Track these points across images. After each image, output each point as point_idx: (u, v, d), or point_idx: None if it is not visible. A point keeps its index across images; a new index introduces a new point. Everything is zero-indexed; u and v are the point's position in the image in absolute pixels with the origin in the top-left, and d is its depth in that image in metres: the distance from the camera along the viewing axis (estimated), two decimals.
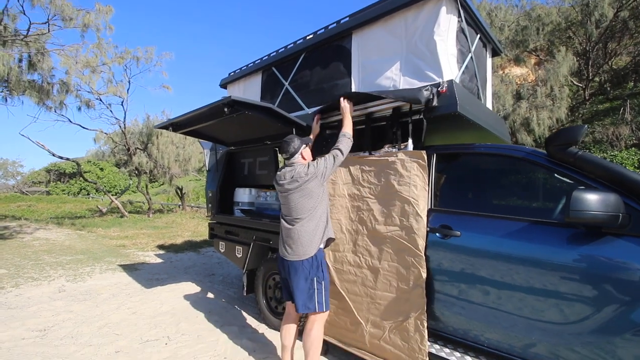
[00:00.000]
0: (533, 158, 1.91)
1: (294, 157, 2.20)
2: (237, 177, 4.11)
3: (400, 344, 2.09)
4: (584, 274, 1.61)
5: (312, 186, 2.10)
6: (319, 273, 2.11)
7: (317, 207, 2.13)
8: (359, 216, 2.39)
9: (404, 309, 2.09)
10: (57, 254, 6.43)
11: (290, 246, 2.11)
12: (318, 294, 2.09)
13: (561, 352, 1.67)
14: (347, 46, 2.88)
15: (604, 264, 1.56)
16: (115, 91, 12.49)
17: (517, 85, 12.38)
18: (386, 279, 2.19)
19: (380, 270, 2.23)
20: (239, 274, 5.14)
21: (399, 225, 2.16)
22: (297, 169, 2.14)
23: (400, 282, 2.12)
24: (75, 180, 34.63)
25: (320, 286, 2.11)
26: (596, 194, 1.48)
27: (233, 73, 4.23)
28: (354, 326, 2.33)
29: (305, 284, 2.08)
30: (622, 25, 12.54)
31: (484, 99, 3.03)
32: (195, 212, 15.38)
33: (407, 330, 2.06)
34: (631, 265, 1.51)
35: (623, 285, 1.51)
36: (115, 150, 17.55)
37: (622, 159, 9.88)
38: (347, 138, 2.28)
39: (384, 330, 2.18)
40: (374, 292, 2.25)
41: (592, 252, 1.60)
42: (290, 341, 2.22)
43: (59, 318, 3.34)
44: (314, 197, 2.12)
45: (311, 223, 2.10)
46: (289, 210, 2.15)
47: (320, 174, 2.12)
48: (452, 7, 2.36)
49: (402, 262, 2.12)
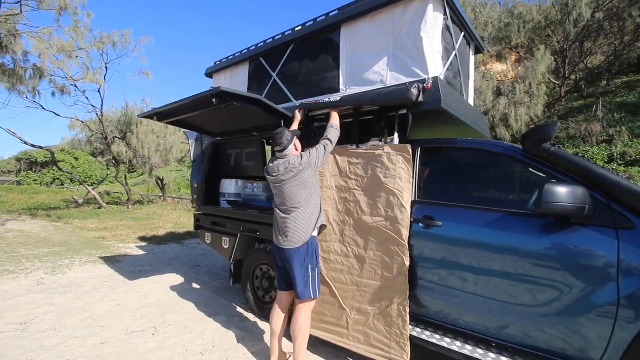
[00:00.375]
0: (510, 153, 2.03)
1: (288, 149, 2.25)
2: (223, 168, 4.09)
3: (384, 329, 2.19)
4: (553, 261, 1.74)
5: (306, 175, 2.18)
6: (313, 260, 2.19)
7: (311, 196, 2.21)
8: (346, 207, 2.46)
9: (387, 296, 2.19)
10: (33, 246, 6.22)
11: (286, 234, 2.17)
12: (312, 281, 2.16)
13: (532, 332, 1.81)
14: (335, 39, 2.90)
15: (572, 252, 1.70)
16: (92, 78, 11.99)
17: (497, 81, 12.72)
18: (371, 267, 2.28)
19: (366, 259, 2.31)
20: (225, 265, 5.16)
21: (384, 216, 2.24)
22: (290, 160, 2.19)
23: (385, 271, 2.21)
24: (48, 170, 33.23)
25: (314, 273, 2.19)
26: (565, 187, 1.60)
27: (219, 62, 4.17)
28: (339, 315, 2.41)
29: (301, 271, 2.15)
30: (598, 25, 13.04)
31: (467, 95, 3.13)
32: (177, 203, 15.13)
33: (390, 316, 2.16)
34: (595, 253, 1.64)
35: (588, 271, 1.65)
36: (92, 139, 16.91)
37: (594, 154, 10.40)
38: (334, 129, 2.39)
39: (368, 317, 2.27)
40: (359, 281, 2.34)
41: (561, 241, 1.73)
42: (280, 328, 2.29)
43: (40, 311, 3.28)
44: (308, 186, 2.19)
45: (307, 211, 2.18)
46: (283, 201, 2.21)
47: (313, 163, 2.20)
48: (439, 5, 2.42)
49: (387, 252, 2.21)
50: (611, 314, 1.58)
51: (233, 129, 3.73)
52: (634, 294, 1.54)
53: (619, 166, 9.58)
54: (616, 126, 10.91)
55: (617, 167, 9.52)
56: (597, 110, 11.84)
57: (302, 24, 3.16)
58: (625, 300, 1.55)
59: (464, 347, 1.96)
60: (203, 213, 4.02)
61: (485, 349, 1.93)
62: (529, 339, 1.82)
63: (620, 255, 1.58)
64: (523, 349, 1.86)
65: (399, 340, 2.12)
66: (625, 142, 10.27)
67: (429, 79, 2.29)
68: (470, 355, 1.90)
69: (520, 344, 1.86)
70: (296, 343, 2.16)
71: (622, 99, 12.12)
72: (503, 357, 1.86)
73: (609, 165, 9.82)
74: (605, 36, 13.94)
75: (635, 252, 1.56)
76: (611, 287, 1.59)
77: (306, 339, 2.19)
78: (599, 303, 1.61)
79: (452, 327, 2.10)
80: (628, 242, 1.58)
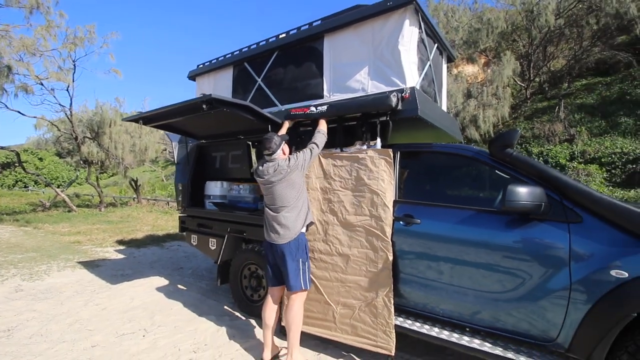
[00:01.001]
0: (479, 157, 2.26)
1: (276, 153, 2.40)
2: (208, 171, 4.15)
3: (370, 320, 2.36)
4: (516, 252, 1.98)
5: (294, 177, 2.35)
6: (303, 254, 2.36)
7: (299, 196, 2.37)
8: (330, 208, 2.61)
9: (372, 289, 2.37)
10: (4, 252, 5.96)
11: (278, 231, 2.33)
12: (303, 273, 2.33)
13: (500, 316, 2.04)
14: (319, 48, 3.05)
15: (531, 244, 1.94)
16: (59, 77, 11.46)
17: (467, 84, 13.31)
18: (356, 264, 2.45)
19: (350, 256, 2.48)
20: (209, 267, 5.19)
21: (368, 215, 2.41)
22: (279, 163, 2.36)
23: (369, 266, 2.39)
24: (10, 172, 31.28)
25: (305, 266, 2.36)
26: (525, 188, 1.83)
27: (202, 65, 4.21)
28: (325, 310, 2.56)
29: (293, 264, 2.31)
30: (560, 31, 13.93)
31: (440, 101, 3.37)
32: (152, 205, 14.75)
33: (375, 308, 2.34)
34: (550, 244, 1.89)
35: (545, 260, 1.90)
36: (61, 139, 16.15)
37: (556, 153, 11.15)
38: (321, 134, 2.58)
39: (353, 310, 2.44)
40: (344, 277, 2.50)
41: (523, 235, 1.97)
42: (272, 320, 2.44)
43: (22, 317, 3.23)
44: (296, 187, 2.36)
45: (295, 209, 2.35)
46: (273, 200, 2.37)
47: (300, 165, 2.37)
48: (414, 20, 2.63)
49: (372, 248, 2.38)
50: (565, 297, 1.82)
51: (219, 132, 3.79)
52: (583, 279, 1.79)
53: (579, 164, 10.35)
54: (577, 126, 11.74)
55: (578, 165, 10.27)
56: (560, 111, 12.66)
57: (286, 31, 3.29)
58: (576, 284, 1.80)
59: (441, 333, 2.18)
60: (188, 215, 4.06)
61: (460, 334, 2.15)
62: (498, 322, 2.05)
63: (571, 246, 1.84)
64: (493, 331, 2.09)
65: (385, 329, 2.29)
66: (585, 141, 11.08)
67: (406, 88, 2.49)
68: (448, 339, 2.11)
69: (490, 327, 2.09)
70: (290, 332, 2.31)
71: (582, 101, 13.03)
72: (475, 339, 2.09)
73: (570, 162, 10.59)
74: (566, 41, 14.92)
75: (583, 243, 1.82)
76: (564, 274, 1.84)
77: (299, 328, 2.35)
78: (555, 288, 1.86)
79: (431, 315, 2.32)
80: (577, 234, 1.84)
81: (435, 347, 2.52)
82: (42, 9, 7.63)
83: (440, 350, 2.61)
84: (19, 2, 6.87)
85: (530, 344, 1.96)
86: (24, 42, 9.57)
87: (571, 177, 8.60)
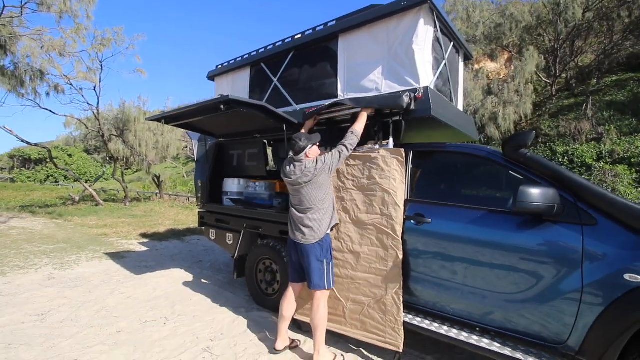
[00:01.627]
0: (492, 157, 2.26)
1: (300, 155, 2.40)
2: (226, 168, 4.28)
3: (379, 317, 2.40)
4: (529, 254, 1.97)
5: (321, 179, 2.36)
6: (328, 255, 2.40)
7: (325, 198, 2.39)
8: (342, 206, 2.66)
9: (382, 287, 2.40)
10: (38, 243, 6.36)
11: (303, 232, 2.36)
12: (327, 273, 2.37)
13: (511, 317, 2.04)
14: (333, 48, 3.10)
15: (544, 246, 1.93)
16: (87, 77, 12.00)
17: (488, 80, 12.97)
18: (366, 261, 2.49)
19: (360, 254, 2.52)
20: (227, 261, 5.36)
21: (379, 214, 2.45)
22: (306, 164, 2.37)
23: (379, 264, 2.42)
24: (42, 167, 33.00)
25: (329, 267, 2.40)
26: (537, 189, 1.83)
27: (221, 66, 4.35)
28: (335, 305, 2.60)
29: (317, 264, 2.35)
30: (588, 25, 13.33)
31: (456, 100, 3.35)
32: (174, 200, 15.24)
33: (385, 305, 2.38)
34: (563, 246, 1.88)
35: (557, 262, 1.88)
36: (89, 137, 16.92)
37: (583, 152, 10.71)
38: (354, 135, 2.49)
39: (363, 306, 2.48)
40: (354, 274, 2.54)
41: (535, 236, 1.96)
42: (290, 313, 2.52)
43: (55, 303, 3.47)
44: (322, 189, 2.38)
45: (321, 211, 2.37)
46: (300, 201, 2.40)
47: (327, 168, 2.36)
48: (429, 19, 2.63)
49: (382, 246, 2.42)
50: (576, 299, 1.81)
51: (236, 131, 3.91)
52: (595, 282, 1.77)
53: (606, 164, 9.91)
54: (605, 124, 11.23)
55: (604, 165, 9.84)
56: (587, 108, 12.14)
57: (302, 32, 3.35)
58: (589, 287, 1.79)
59: (450, 331, 2.20)
60: (207, 210, 4.21)
61: (469, 332, 2.17)
62: (508, 322, 2.06)
63: (584, 248, 1.82)
64: (502, 331, 2.09)
65: (394, 326, 2.33)
66: (613, 140, 10.58)
67: (420, 88, 2.50)
68: (456, 338, 2.13)
69: (500, 327, 2.10)
70: (317, 332, 2.35)
71: (612, 98, 12.43)
72: (484, 339, 2.10)
73: (597, 162, 10.16)
74: (596, 35, 14.26)
75: (597, 246, 1.80)
76: (577, 276, 1.82)
77: (325, 327, 2.39)
78: (566, 290, 1.85)
79: (441, 314, 2.34)
80: (591, 237, 1.81)
81: (445, 345, 2.54)
82: (70, 13, 8.03)
83: (450, 348, 2.62)
84: (49, 8, 7.28)
85: (540, 346, 1.96)
86: (54, 43, 10.10)
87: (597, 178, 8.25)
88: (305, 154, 2.42)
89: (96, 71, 12.42)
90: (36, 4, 7.36)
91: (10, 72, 7.84)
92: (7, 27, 7.06)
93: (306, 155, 2.42)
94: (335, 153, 2.41)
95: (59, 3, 7.62)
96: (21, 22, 7.53)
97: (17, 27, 7.74)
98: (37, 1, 7.23)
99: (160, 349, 2.60)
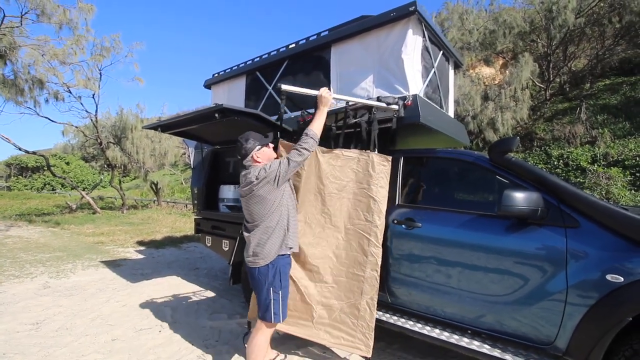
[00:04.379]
0: (479, 162, 2.31)
1: (246, 160, 2.09)
2: (222, 175, 4.33)
3: (350, 321, 2.33)
4: (515, 256, 2.01)
5: (263, 192, 1.97)
6: (276, 282, 2.03)
7: (270, 214, 2.01)
8: (321, 209, 2.49)
9: (357, 292, 2.33)
10: (34, 251, 6.36)
11: (248, 251, 2.05)
12: (275, 304, 2.03)
13: (499, 319, 2.07)
14: (326, 57, 3.17)
15: (528, 248, 1.97)
16: (86, 84, 12.08)
17: (485, 86, 13.12)
18: (343, 265, 2.40)
19: (338, 258, 2.43)
20: (223, 267, 5.37)
21: (363, 220, 2.39)
22: (251, 172, 2.03)
23: (357, 269, 2.35)
24: (39, 175, 32.95)
25: (277, 296, 2.03)
26: (521, 193, 1.87)
27: (217, 75, 4.42)
28: (303, 309, 2.45)
29: (262, 293, 2.04)
30: (580, 30, 13.55)
31: (446, 107, 3.42)
32: (172, 207, 15.24)
33: (358, 309, 2.31)
34: (548, 249, 1.92)
35: (542, 265, 1.92)
36: (87, 144, 16.95)
37: (577, 156, 10.82)
38: (309, 137, 2.09)
39: (334, 311, 2.38)
40: (328, 278, 2.42)
41: (521, 239, 2.00)
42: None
43: (50, 312, 3.47)
44: (266, 203, 1.99)
45: (267, 230, 2.01)
46: (246, 215, 2.10)
47: (272, 178, 1.97)
48: (418, 29, 2.71)
49: (362, 252, 2.35)
50: (561, 300, 1.84)
51: (232, 138, 3.95)
52: (579, 283, 1.80)
53: (600, 167, 10.01)
54: (599, 128, 11.36)
55: (598, 168, 9.94)
56: (581, 112, 12.28)
57: (296, 42, 3.43)
58: (573, 288, 1.82)
59: (441, 334, 2.22)
60: (203, 217, 4.24)
61: (460, 335, 2.19)
62: (496, 324, 2.08)
63: (568, 250, 1.86)
64: (492, 333, 2.12)
65: (365, 331, 2.27)
66: (607, 143, 10.71)
67: (409, 96, 2.57)
68: (447, 340, 2.16)
69: (489, 329, 2.13)
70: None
71: (605, 101, 12.59)
72: (475, 341, 2.12)
73: (592, 165, 10.25)
74: (588, 40, 14.48)
75: (580, 247, 1.84)
76: (561, 278, 1.86)
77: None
78: (551, 291, 1.88)
79: (433, 317, 2.36)
80: (574, 239, 1.86)
81: (437, 348, 2.57)
82: (70, 25, 8.16)
83: (444, 352, 2.65)
84: (50, 18, 7.40)
85: (529, 347, 1.99)
86: (55, 51, 10.19)
87: (591, 181, 8.31)
88: (252, 157, 2.07)
89: (96, 79, 12.52)
90: (36, 15, 7.48)
91: (10, 81, 7.91)
92: (7, 37, 7.15)
93: (254, 159, 2.08)
94: (284, 161, 2.02)
95: (59, 14, 7.76)
96: (22, 32, 7.64)
97: (17, 37, 7.84)
98: (37, 12, 7.36)
99: (155, 356, 2.61)
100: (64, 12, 7.87)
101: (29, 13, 7.32)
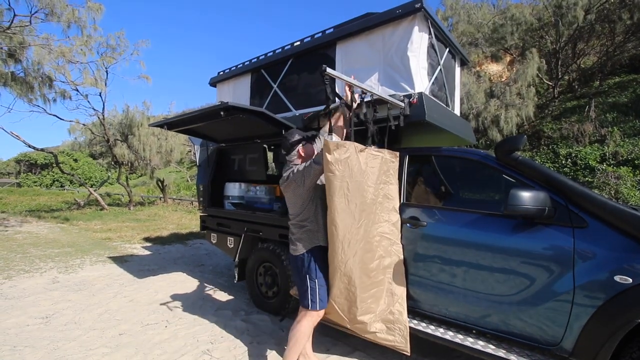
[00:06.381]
0: (486, 161, 2.28)
1: (290, 155, 2.20)
2: (227, 172, 4.34)
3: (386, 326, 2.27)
4: (522, 256, 1.99)
5: (293, 190, 2.11)
6: (311, 272, 2.13)
7: (303, 210, 2.14)
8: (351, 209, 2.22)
9: (388, 293, 2.30)
10: (43, 247, 6.46)
11: (290, 239, 2.22)
12: (311, 292, 2.12)
13: (505, 319, 2.06)
14: (331, 55, 3.16)
15: (535, 247, 1.95)
16: (93, 82, 12.18)
17: (490, 83, 12.97)
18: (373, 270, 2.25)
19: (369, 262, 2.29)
20: (228, 264, 5.41)
21: (383, 221, 2.32)
22: (287, 171, 2.17)
23: (386, 272, 2.29)
24: (48, 172, 33.39)
25: (314, 284, 2.12)
26: (527, 192, 1.85)
27: (222, 72, 4.43)
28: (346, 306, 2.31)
29: (299, 280, 2.18)
30: (590, 27, 13.31)
31: (452, 105, 3.39)
32: (178, 204, 15.35)
33: (392, 314, 2.27)
34: (555, 249, 1.90)
35: (549, 265, 1.90)
36: (94, 142, 17.12)
37: (586, 154, 10.67)
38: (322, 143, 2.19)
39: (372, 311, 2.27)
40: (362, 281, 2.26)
41: (527, 239, 1.98)
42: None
43: (59, 306, 3.53)
44: (297, 201, 2.13)
45: (297, 226, 2.17)
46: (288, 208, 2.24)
47: (297, 180, 2.08)
48: (424, 26, 2.68)
49: (386, 254, 2.31)
50: (568, 301, 1.83)
51: (237, 136, 3.98)
52: (587, 284, 1.79)
53: (609, 166, 9.86)
54: (608, 126, 11.17)
55: (607, 167, 9.79)
56: (590, 110, 12.09)
57: (301, 39, 3.42)
58: (580, 289, 1.81)
59: (446, 333, 2.22)
60: (209, 214, 4.27)
61: (464, 335, 2.19)
62: (502, 324, 2.07)
63: (575, 251, 1.84)
64: (497, 333, 2.11)
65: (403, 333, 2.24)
66: (617, 142, 10.53)
67: (414, 93, 2.55)
68: (451, 340, 2.15)
69: (494, 329, 2.12)
70: (287, 347, 2.17)
71: (615, 99, 12.37)
72: (480, 341, 2.12)
73: (601, 164, 10.10)
74: (597, 37, 14.23)
75: (587, 248, 1.82)
76: (568, 278, 1.84)
77: (299, 346, 2.14)
78: (558, 292, 1.87)
79: (438, 316, 2.36)
80: (582, 239, 1.84)
81: (442, 348, 2.56)
82: (79, 23, 8.24)
83: (449, 351, 2.64)
84: (58, 17, 7.48)
85: (534, 348, 1.98)
86: (62, 49, 10.30)
87: (600, 180, 8.19)
88: (297, 152, 2.20)
89: (102, 78, 12.62)
90: (44, 14, 7.56)
91: (21, 79, 8.03)
92: (17, 35, 7.26)
93: (299, 154, 2.21)
94: (309, 166, 2.07)
95: (67, 13, 7.83)
96: (31, 31, 7.74)
97: (27, 36, 7.93)
98: (46, 11, 7.44)
99: (161, 351, 2.64)
100: (72, 11, 7.95)
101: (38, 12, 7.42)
